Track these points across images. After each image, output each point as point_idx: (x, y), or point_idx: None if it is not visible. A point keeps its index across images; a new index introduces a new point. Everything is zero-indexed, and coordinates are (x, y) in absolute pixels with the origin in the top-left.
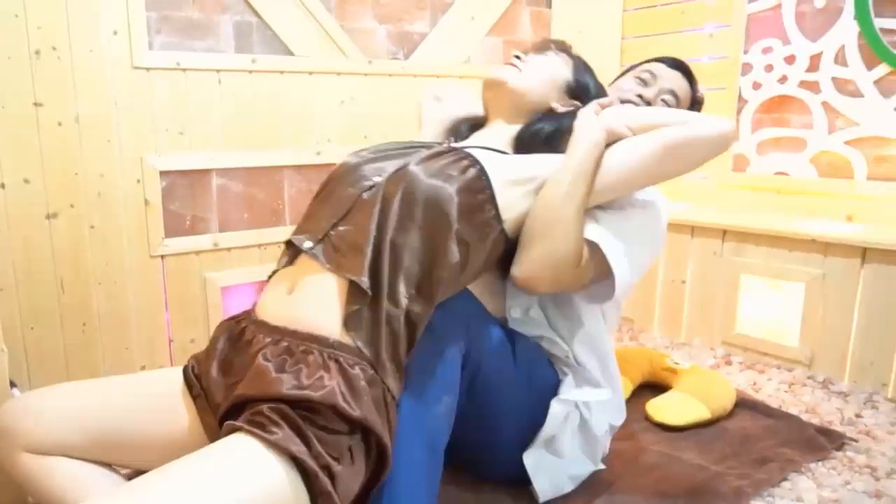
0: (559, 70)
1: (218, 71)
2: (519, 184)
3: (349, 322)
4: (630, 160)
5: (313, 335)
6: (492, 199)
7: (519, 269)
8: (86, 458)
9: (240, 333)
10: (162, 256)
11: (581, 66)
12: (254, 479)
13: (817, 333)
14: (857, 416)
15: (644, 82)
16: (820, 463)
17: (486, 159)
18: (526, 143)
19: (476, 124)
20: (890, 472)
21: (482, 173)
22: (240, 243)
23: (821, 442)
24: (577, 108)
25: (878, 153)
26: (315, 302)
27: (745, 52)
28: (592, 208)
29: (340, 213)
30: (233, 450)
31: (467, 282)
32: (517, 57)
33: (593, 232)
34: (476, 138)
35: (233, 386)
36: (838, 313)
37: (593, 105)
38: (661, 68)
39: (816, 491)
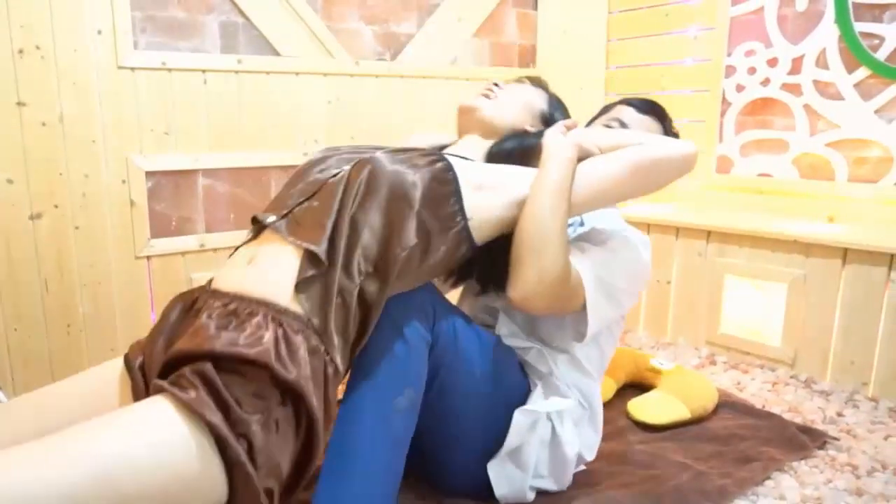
0: (534, 98)
1: (204, 71)
2: (486, 189)
3: (300, 286)
4: (599, 177)
5: (262, 300)
6: (457, 192)
7: (515, 291)
8: None
9: (192, 304)
10: (147, 257)
11: (555, 101)
12: (159, 437)
13: (799, 333)
14: (839, 414)
15: None
16: (802, 461)
17: (454, 161)
18: (495, 158)
19: (447, 145)
20: (871, 470)
21: (449, 167)
22: (226, 244)
23: (803, 441)
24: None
25: (858, 155)
26: (270, 271)
27: (729, 54)
28: (579, 240)
29: (306, 195)
30: (144, 409)
31: (426, 276)
32: (495, 84)
33: (579, 264)
34: (448, 150)
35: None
36: (820, 313)
37: (559, 126)
38: (629, 114)
39: (799, 489)
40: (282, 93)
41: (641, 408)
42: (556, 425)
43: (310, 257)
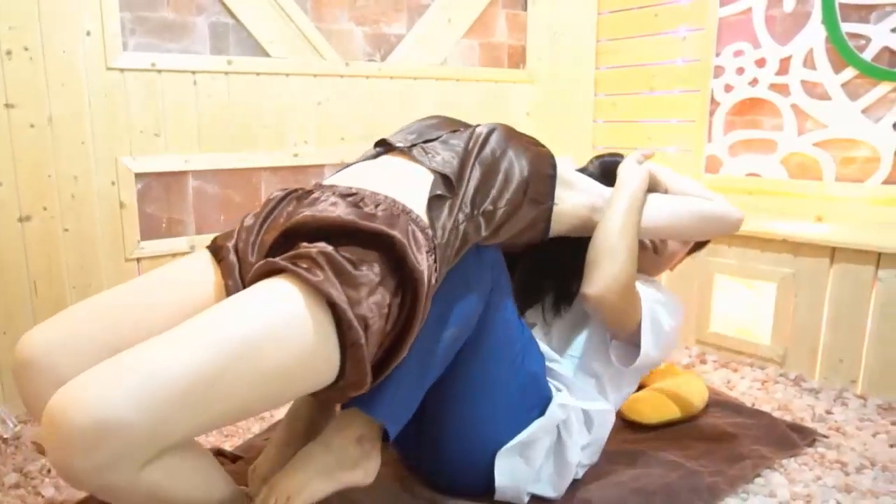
0: None
1: (193, 72)
2: (573, 188)
3: (432, 202)
4: (669, 212)
5: (391, 197)
6: (553, 178)
7: (592, 287)
8: None
9: (307, 193)
10: (138, 259)
11: None
12: (290, 316)
13: (789, 332)
14: (828, 412)
15: None
16: (792, 459)
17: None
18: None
19: None
20: (860, 467)
21: (553, 155)
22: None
23: (793, 438)
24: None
25: (845, 155)
26: (399, 181)
27: (717, 55)
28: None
29: (431, 136)
30: (273, 289)
31: (498, 240)
32: None
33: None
34: None
35: (283, 228)
36: (809, 312)
37: (637, 154)
38: None
39: (789, 487)
40: (272, 94)
41: (632, 407)
42: (562, 432)
43: (443, 179)
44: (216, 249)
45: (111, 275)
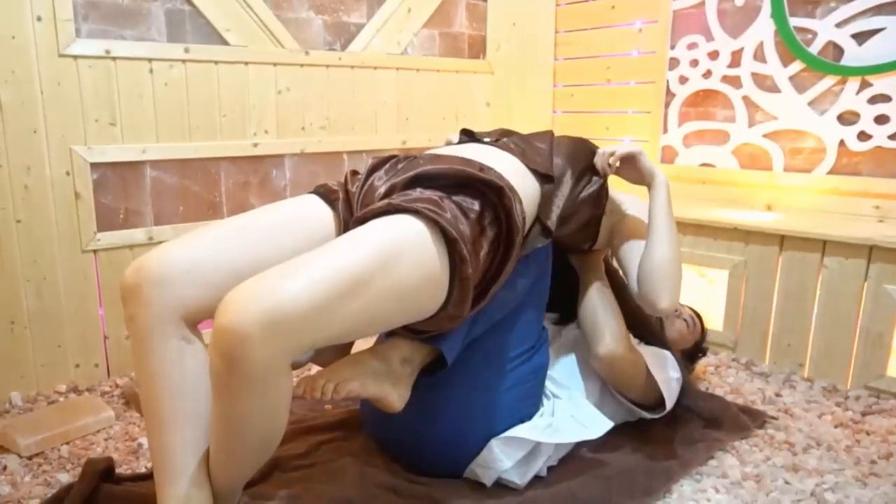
0: None
1: (150, 60)
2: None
3: (544, 195)
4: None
5: (495, 169)
6: (607, 189)
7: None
8: None
9: (410, 157)
10: (94, 251)
11: None
12: (419, 239)
13: (740, 318)
14: (777, 395)
15: None
16: (743, 441)
17: None
18: None
19: None
20: (806, 447)
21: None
22: (175, 237)
23: (744, 421)
24: None
25: (793, 146)
26: (496, 162)
27: (672, 47)
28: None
29: (508, 135)
30: (403, 221)
31: (561, 232)
32: None
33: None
34: None
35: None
36: (759, 298)
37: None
38: None
39: (740, 468)
40: (231, 83)
41: None
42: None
43: (538, 177)
44: (326, 192)
45: (66, 267)
